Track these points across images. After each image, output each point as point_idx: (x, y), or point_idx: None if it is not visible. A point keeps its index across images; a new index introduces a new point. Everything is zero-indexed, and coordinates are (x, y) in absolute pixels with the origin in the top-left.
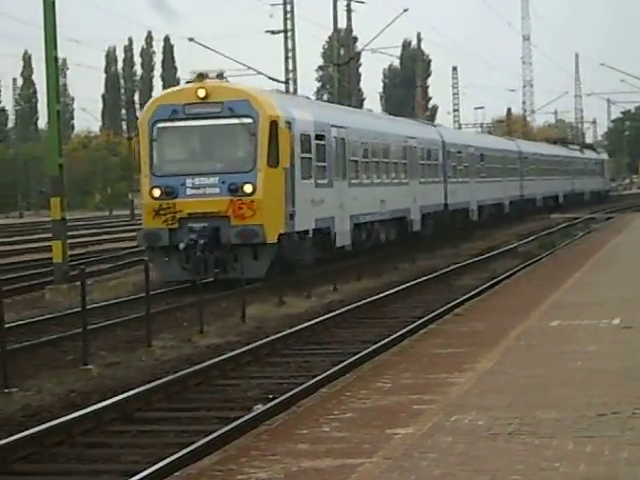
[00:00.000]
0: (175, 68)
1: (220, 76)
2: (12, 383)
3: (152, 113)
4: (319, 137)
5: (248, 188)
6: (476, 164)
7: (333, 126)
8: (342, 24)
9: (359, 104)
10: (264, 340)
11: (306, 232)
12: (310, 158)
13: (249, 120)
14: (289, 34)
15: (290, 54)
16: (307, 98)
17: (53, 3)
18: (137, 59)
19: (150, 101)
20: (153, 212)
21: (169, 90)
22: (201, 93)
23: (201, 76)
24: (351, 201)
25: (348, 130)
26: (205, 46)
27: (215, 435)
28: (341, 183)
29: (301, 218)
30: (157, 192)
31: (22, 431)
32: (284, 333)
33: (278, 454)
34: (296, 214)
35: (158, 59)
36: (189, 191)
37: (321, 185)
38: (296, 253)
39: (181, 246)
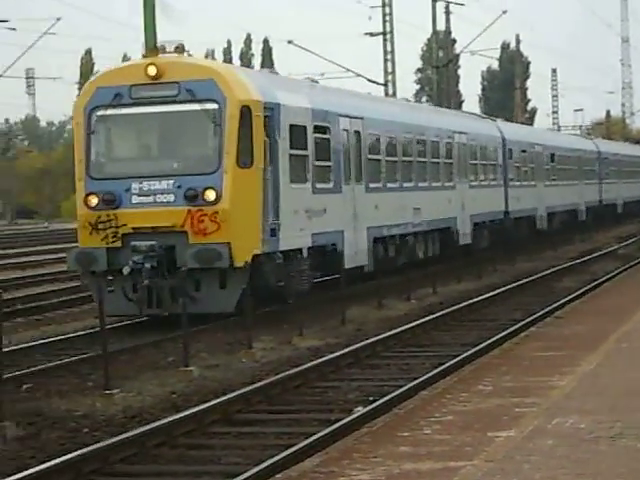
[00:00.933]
0: (275, 71)
1: (180, 49)
2: (113, 384)
3: (89, 97)
4: (320, 129)
5: (211, 195)
6: (545, 165)
7: (343, 116)
8: (441, 26)
9: (458, 106)
10: (364, 342)
11: (297, 251)
12: (305, 156)
13: (213, 105)
14: (388, 36)
15: (389, 56)
16: (313, 82)
17: (153, 6)
18: (236, 61)
19: (87, 82)
20: (90, 226)
21: (112, 67)
22: (152, 71)
23: (155, 50)
24: (369, 210)
25: (366, 121)
26: (304, 48)
27: (316, 437)
28: (354, 188)
29: (288, 233)
30: (94, 200)
31: (123, 432)
32: (384, 335)
33: (380, 456)
34: (280, 228)
35: (257, 61)
36: (135, 199)
37: (322, 190)
38: (280, 278)
39: (125, 271)
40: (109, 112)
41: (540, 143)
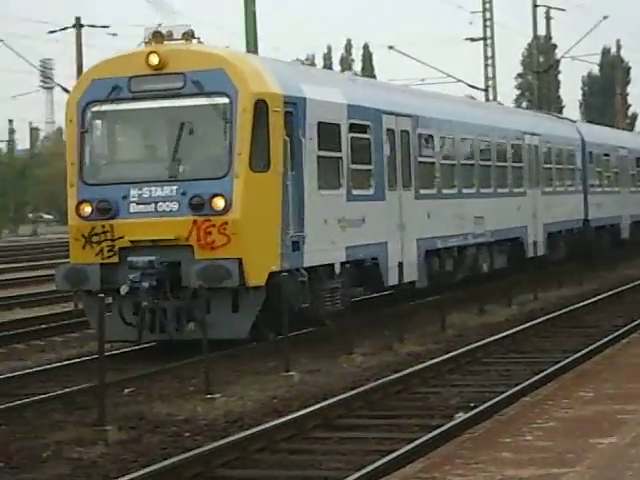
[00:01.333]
0: (374, 76)
1: (189, 35)
2: (214, 389)
3: (83, 91)
4: (358, 128)
5: (219, 202)
6: (630, 170)
7: (387, 113)
8: (541, 31)
9: (558, 112)
10: (464, 348)
11: (328, 267)
12: (338, 158)
13: (223, 99)
14: (488, 41)
15: (489, 61)
16: (356, 75)
17: (254, 13)
18: (336, 67)
19: (83, 74)
20: (82, 239)
21: (109, 57)
22: (154, 60)
23: (159, 36)
24: (419, 219)
25: (416, 120)
26: (404, 54)
27: (417, 443)
28: (401, 194)
29: (315, 246)
30: (87, 209)
31: (225, 437)
32: (485, 341)
33: (481, 462)
34: (305, 241)
35: (357, 67)
36: (134, 207)
37: (360, 198)
38: (306, 299)
39: (122, 291)
40: (105, 108)
41: (624, 146)
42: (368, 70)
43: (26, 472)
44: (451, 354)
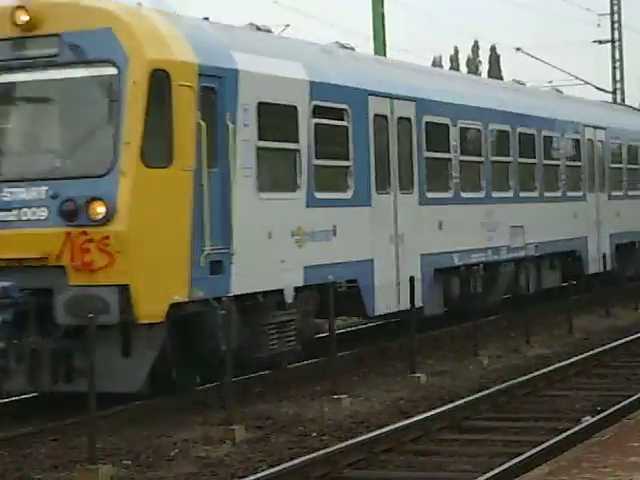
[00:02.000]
0: (501, 78)
1: None
2: (341, 390)
3: None
4: (328, 113)
5: (98, 209)
6: None
7: (376, 95)
8: None
9: None
10: (592, 352)
11: (275, 294)
12: (293, 151)
13: (109, 70)
14: (616, 44)
15: (617, 64)
16: (346, 47)
17: (382, 15)
18: (463, 68)
19: None
20: None
21: None
22: (21, 17)
23: None
24: (427, 230)
25: (420, 104)
26: (532, 55)
27: (544, 446)
28: (397, 197)
29: (253, 268)
30: None
31: (351, 437)
32: (612, 345)
33: (609, 466)
34: (234, 260)
35: (484, 69)
36: None
37: (330, 203)
38: (233, 339)
39: None
40: None
41: None
42: (495, 72)
43: (154, 470)
44: (578, 357)
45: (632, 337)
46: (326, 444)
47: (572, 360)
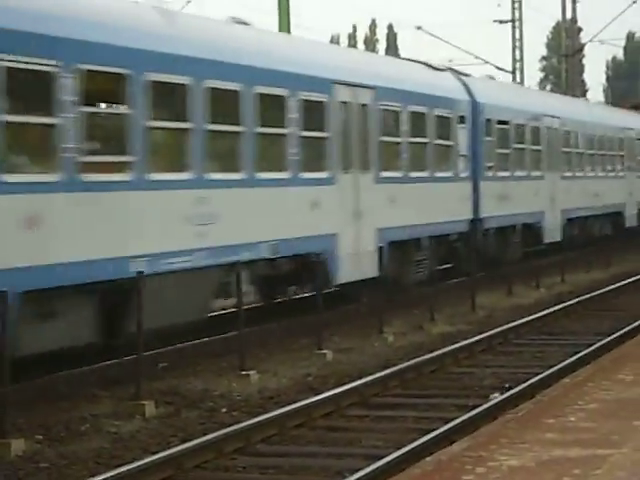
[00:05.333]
0: (398, 56)
1: None
2: (249, 365)
3: None
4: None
5: None
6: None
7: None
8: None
9: (582, 95)
10: (496, 329)
11: None
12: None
13: None
14: (517, 24)
15: (517, 44)
16: None
17: None
18: (360, 46)
19: None
20: None
21: None
22: None
23: None
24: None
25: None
26: (432, 34)
27: (456, 422)
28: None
29: None
30: None
31: (262, 413)
32: (516, 323)
33: (527, 442)
34: None
35: (382, 47)
36: None
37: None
38: None
39: None
40: None
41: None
42: (392, 50)
43: (66, 445)
44: (483, 335)
45: (536, 315)
46: (237, 419)
47: (477, 338)
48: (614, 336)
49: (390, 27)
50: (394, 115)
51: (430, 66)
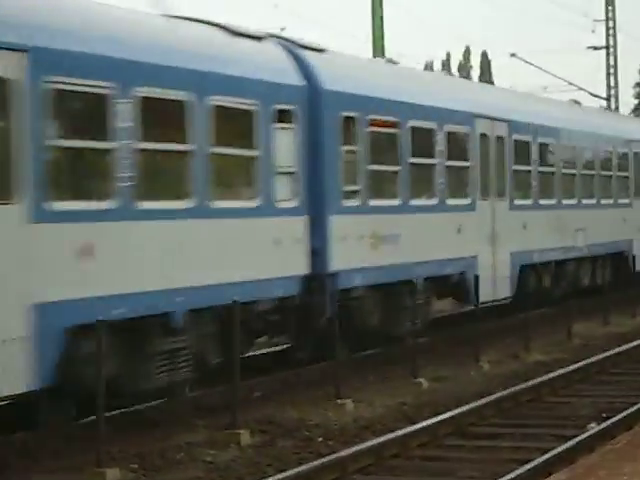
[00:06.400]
0: (492, 83)
1: None
2: (343, 394)
3: None
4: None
5: None
6: None
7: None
8: None
9: None
10: (593, 358)
11: None
12: None
13: None
14: (611, 50)
15: (612, 70)
16: None
17: (382, 18)
18: (454, 73)
19: None
20: None
21: None
22: None
23: None
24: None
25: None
26: (526, 61)
27: (555, 453)
28: None
29: None
30: None
31: (357, 442)
32: (612, 352)
33: (626, 474)
34: None
35: (475, 73)
36: None
37: None
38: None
39: None
40: None
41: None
42: (486, 77)
43: (162, 474)
44: (580, 364)
45: (633, 344)
46: (333, 449)
47: (574, 367)
48: None
49: (484, 54)
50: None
51: (231, 30)
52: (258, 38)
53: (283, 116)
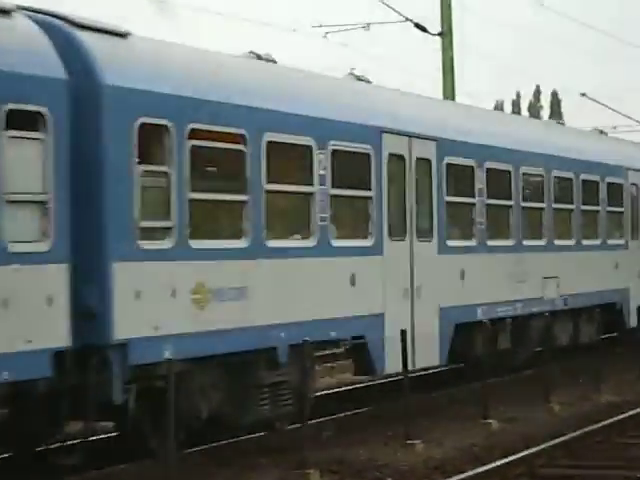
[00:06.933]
0: (562, 123)
1: None
2: (414, 435)
3: None
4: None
5: None
6: None
7: None
8: None
9: None
10: None
11: None
12: None
13: None
14: None
15: None
16: None
17: (452, 58)
18: (525, 113)
19: None
20: None
21: None
22: None
23: None
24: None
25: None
26: (596, 101)
27: None
28: None
29: None
30: None
31: None
32: None
33: None
34: None
35: (545, 113)
36: None
37: None
38: None
39: None
40: None
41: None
42: (556, 116)
43: None
44: None
45: None
46: None
47: None
48: None
49: (554, 94)
50: None
51: None
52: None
53: (23, 121)
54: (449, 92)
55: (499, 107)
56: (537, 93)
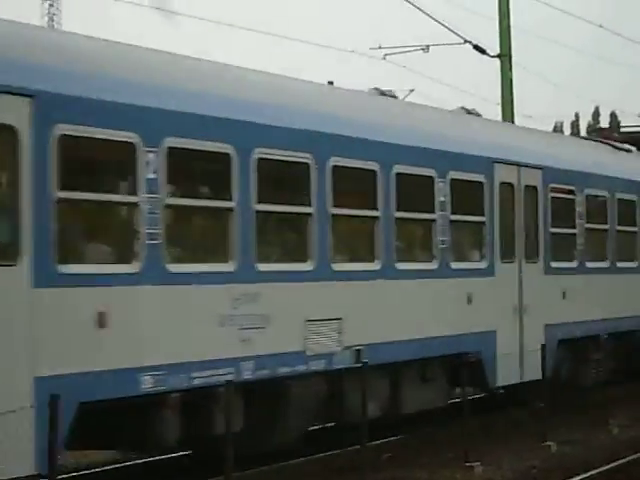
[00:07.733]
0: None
1: None
2: (473, 457)
3: None
4: None
5: None
6: None
7: None
8: None
9: None
10: None
11: None
12: None
13: None
14: None
15: None
16: None
17: (511, 80)
18: (583, 134)
19: None
20: None
21: None
22: None
23: None
24: None
25: None
26: None
27: None
28: None
29: None
30: None
31: None
32: None
33: None
34: None
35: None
36: None
37: None
38: None
39: None
40: None
41: None
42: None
43: None
44: None
45: None
46: None
47: None
48: None
49: (613, 115)
50: None
51: None
52: None
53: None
54: (508, 114)
55: (558, 129)
56: (596, 114)
